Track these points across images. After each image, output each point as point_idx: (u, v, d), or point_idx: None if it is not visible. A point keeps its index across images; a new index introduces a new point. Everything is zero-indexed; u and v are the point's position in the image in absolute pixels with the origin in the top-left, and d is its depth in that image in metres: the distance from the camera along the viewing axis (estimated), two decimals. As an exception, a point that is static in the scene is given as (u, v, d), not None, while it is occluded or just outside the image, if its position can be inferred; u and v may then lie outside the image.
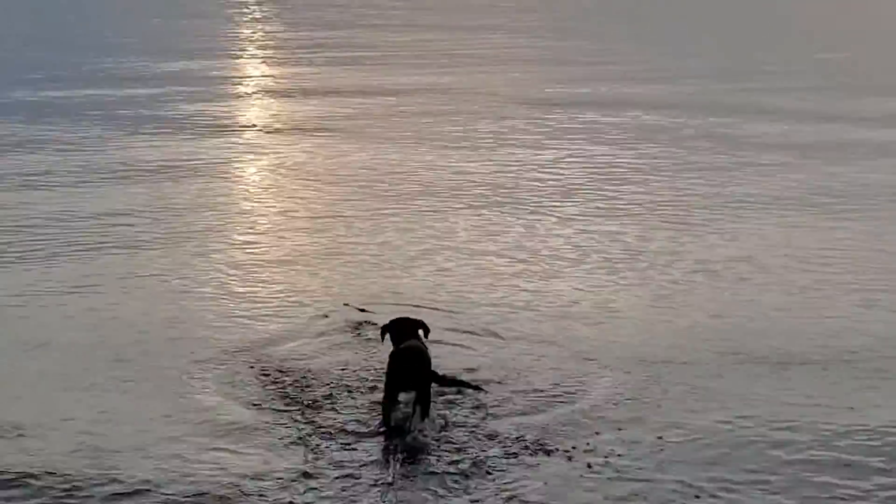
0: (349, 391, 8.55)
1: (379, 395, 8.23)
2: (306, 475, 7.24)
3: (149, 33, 42.51)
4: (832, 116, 22.89)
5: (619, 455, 7.58)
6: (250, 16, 54.46)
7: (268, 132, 20.22)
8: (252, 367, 9.03)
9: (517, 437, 7.78)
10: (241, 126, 20.88)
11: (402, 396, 8.05)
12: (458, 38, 41.99)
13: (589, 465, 7.42)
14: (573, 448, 7.64)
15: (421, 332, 8.44)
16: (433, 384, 8.09)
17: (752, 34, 47.25)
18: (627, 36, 45.51)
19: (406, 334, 8.35)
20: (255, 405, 8.30)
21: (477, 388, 8.47)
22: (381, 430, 7.82)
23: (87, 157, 17.28)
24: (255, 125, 21.03)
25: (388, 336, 8.45)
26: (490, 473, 7.27)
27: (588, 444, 7.71)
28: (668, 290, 11.32)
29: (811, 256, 12.60)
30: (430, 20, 52.42)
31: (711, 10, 61.71)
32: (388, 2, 65.92)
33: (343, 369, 8.99)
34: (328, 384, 8.67)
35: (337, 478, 7.22)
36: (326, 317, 10.28)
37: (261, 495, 7.00)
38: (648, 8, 64.15)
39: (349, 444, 7.65)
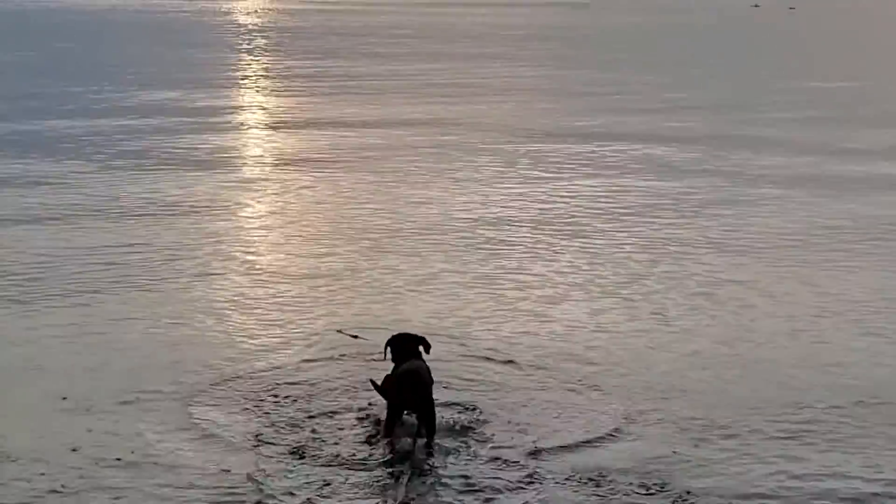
0: (348, 418, 8.52)
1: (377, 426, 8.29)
2: (309, 501, 7.23)
3: (149, 63, 42.54)
4: (835, 149, 22.88)
5: (615, 482, 7.62)
6: (252, 44, 54.56)
7: (269, 165, 20.16)
8: (251, 391, 9.04)
9: (519, 464, 7.80)
10: (242, 158, 20.81)
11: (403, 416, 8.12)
12: (459, 67, 42.04)
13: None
14: (570, 478, 7.64)
15: (421, 347, 8.46)
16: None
17: (757, 61, 47.31)
18: (628, 64, 45.57)
19: (407, 349, 8.39)
20: (254, 429, 8.30)
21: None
22: (387, 457, 7.81)
23: (87, 192, 17.11)
24: (256, 158, 20.97)
25: (389, 351, 8.48)
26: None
27: (590, 471, 7.75)
28: (672, 316, 11.36)
29: (815, 282, 12.70)
30: (431, 48, 52.53)
31: (715, 35, 61.93)
32: (388, 29, 66.12)
33: (339, 394, 8.98)
34: (327, 409, 8.66)
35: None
36: (319, 342, 10.30)
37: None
38: (649, 34, 64.34)
39: (352, 472, 7.61)
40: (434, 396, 8.16)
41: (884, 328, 11.19)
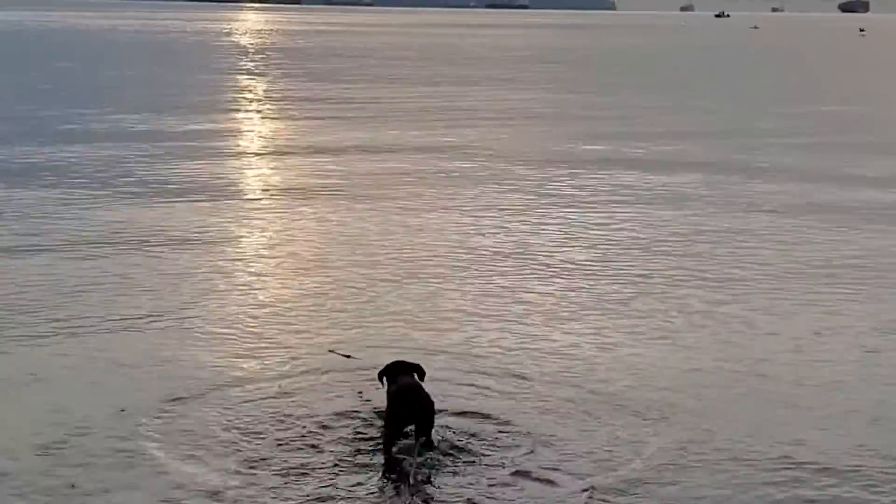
0: (344, 437, 8.50)
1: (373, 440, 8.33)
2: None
3: (148, 86, 42.62)
4: (836, 176, 22.92)
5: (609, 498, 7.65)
6: (252, 66, 54.72)
7: (270, 191, 19.97)
8: (245, 413, 9.01)
9: (518, 482, 7.81)
10: (242, 185, 20.68)
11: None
12: (459, 91, 42.20)
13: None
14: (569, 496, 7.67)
15: (416, 375, 8.49)
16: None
17: (757, 84, 47.42)
18: (628, 87, 45.70)
19: (402, 377, 8.43)
20: (249, 449, 8.30)
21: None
22: (384, 476, 7.80)
23: (84, 219, 16.99)
24: (256, 184, 20.83)
25: (385, 380, 8.50)
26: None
27: (591, 486, 7.78)
28: (674, 334, 11.41)
29: (817, 303, 12.77)
30: (432, 70, 52.77)
31: (716, 57, 62.17)
32: (389, 51, 66.36)
33: (332, 413, 8.95)
34: (322, 428, 8.66)
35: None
36: (316, 363, 10.27)
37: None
38: (649, 56, 64.58)
39: (349, 497, 7.58)
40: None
41: (883, 346, 11.25)
